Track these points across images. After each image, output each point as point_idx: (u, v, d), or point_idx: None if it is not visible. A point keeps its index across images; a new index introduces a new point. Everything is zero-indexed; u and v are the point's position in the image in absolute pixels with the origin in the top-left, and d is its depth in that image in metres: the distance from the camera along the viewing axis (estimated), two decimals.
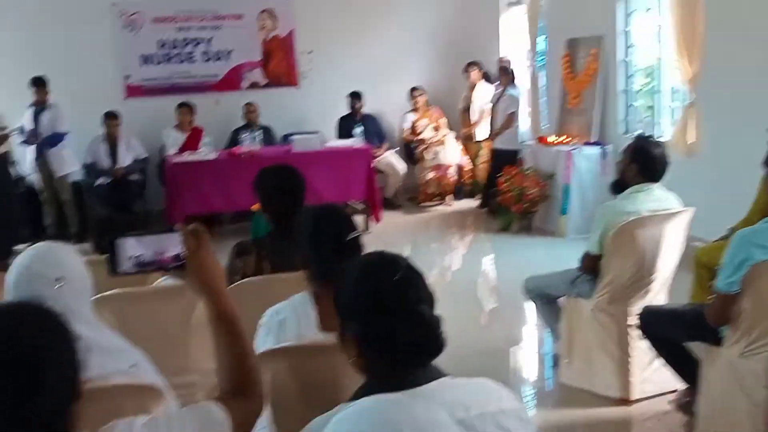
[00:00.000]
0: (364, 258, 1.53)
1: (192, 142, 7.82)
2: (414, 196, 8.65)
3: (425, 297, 1.46)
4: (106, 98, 8.01)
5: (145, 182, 7.99)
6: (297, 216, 2.82)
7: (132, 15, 8.27)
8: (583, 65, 7.22)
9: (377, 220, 7.49)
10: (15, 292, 1.77)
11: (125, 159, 7.76)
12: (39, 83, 7.35)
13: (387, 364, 1.41)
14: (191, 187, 6.99)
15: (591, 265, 3.59)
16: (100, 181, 7.72)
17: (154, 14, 8.31)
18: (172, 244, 1.55)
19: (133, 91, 8.35)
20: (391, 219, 8.00)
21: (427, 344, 1.40)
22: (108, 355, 1.86)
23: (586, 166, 6.77)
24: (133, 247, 1.54)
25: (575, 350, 3.70)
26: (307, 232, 2.15)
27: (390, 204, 8.47)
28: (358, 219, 7.74)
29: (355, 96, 8.47)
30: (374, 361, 1.43)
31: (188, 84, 8.52)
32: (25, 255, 1.82)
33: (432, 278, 5.43)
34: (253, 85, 8.77)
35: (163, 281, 2.78)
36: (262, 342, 2.13)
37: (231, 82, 8.68)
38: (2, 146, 6.51)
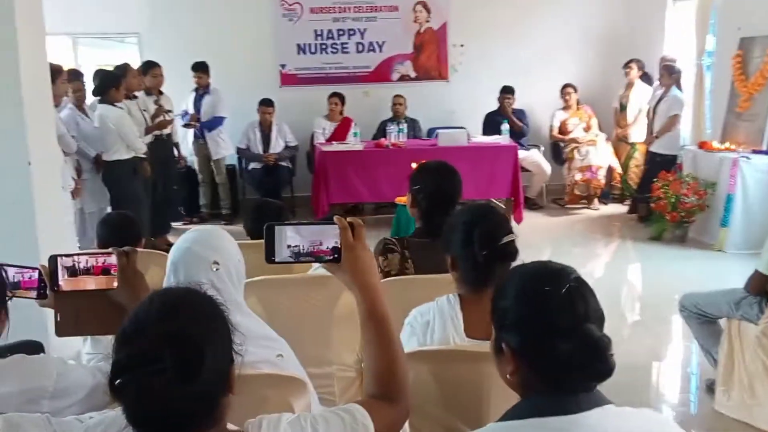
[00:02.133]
0: (528, 266, 1.43)
1: (341, 131, 7.97)
2: (559, 197, 8.38)
3: (594, 314, 1.33)
4: (262, 85, 8.30)
5: (295, 169, 8.22)
6: (448, 217, 2.75)
7: (292, 4, 8.50)
8: (757, 66, 6.66)
9: (518, 220, 7.30)
10: (173, 271, 1.81)
11: (277, 145, 8.02)
12: (201, 68, 7.72)
13: (547, 385, 1.31)
14: (337, 176, 7.10)
15: (760, 286, 3.28)
16: (253, 165, 8.02)
17: (313, 4, 8.50)
18: (330, 236, 1.53)
19: (288, 80, 8.60)
20: (532, 220, 7.78)
21: (594, 366, 1.29)
22: (257, 342, 1.87)
23: (754, 175, 6.26)
24: (291, 237, 1.53)
25: (735, 378, 3.41)
26: (459, 232, 2.06)
27: (533, 204, 8.25)
28: None
29: (507, 91, 8.29)
30: (533, 379, 1.33)
31: (340, 74, 8.66)
32: (187, 236, 1.87)
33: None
34: (403, 78, 8.78)
35: (313, 271, 2.79)
36: (406, 342, 2.08)
37: (382, 73, 8.74)
38: (166, 129, 6.87)
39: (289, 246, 1.53)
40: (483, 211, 2.11)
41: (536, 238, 7.49)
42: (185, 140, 7.92)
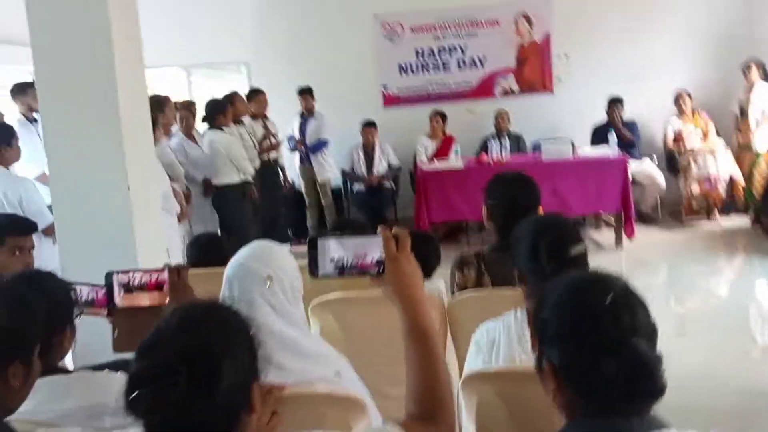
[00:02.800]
0: (572, 275, 1.32)
1: (444, 150, 7.92)
2: (676, 210, 7.92)
3: (644, 328, 1.21)
4: (365, 107, 8.40)
5: (398, 189, 8.23)
6: None
7: (393, 25, 8.58)
8: None
9: (630, 235, 6.96)
10: (228, 287, 1.82)
11: (380, 166, 8.07)
12: (306, 93, 7.92)
13: (591, 406, 1.20)
14: (439, 194, 7.04)
15: None
16: (357, 187, 8.11)
17: (413, 23, 8.54)
18: (374, 248, 1.48)
19: (390, 100, 8.66)
20: (646, 235, 7.40)
21: (640, 386, 1.16)
22: (313, 360, 1.84)
23: None
24: (334, 249, 1.49)
25: None
26: (525, 244, 1.96)
27: (647, 218, 7.85)
28: (609, 233, 7.29)
29: (615, 101, 7.97)
30: (576, 400, 1.22)
31: (443, 92, 8.64)
32: (242, 252, 1.88)
33: (694, 304, 4.86)
34: (506, 92, 8.65)
35: None
36: (472, 361, 2.00)
37: (484, 89, 8.64)
38: (273, 153, 7.07)
39: (332, 259, 1.49)
40: (550, 221, 2.00)
41: (651, 254, 7.13)
42: (292, 164, 8.12)
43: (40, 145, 4.15)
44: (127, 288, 1.75)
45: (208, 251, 3.15)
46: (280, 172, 7.54)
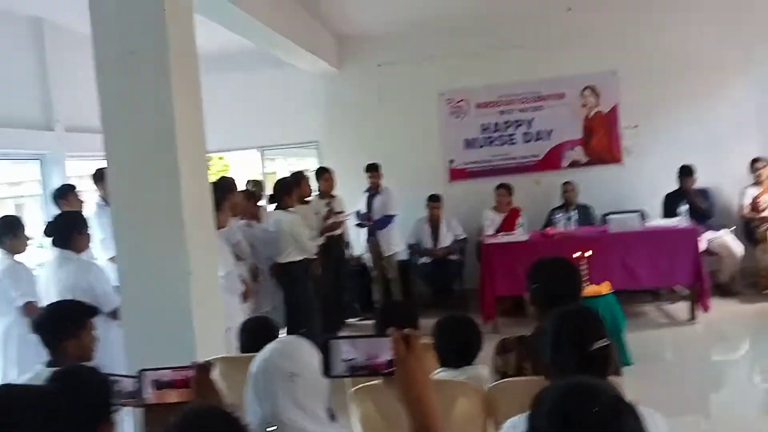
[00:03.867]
0: (566, 381, 1.32)
1: (509, 222, 7.90)
2: (755, 281, 7.60)
3: None
4: (431, 181, 8.51)
5: (464, 262, 8.22)
6: None
7: (458, 102, 8.73)
8: None
9: (706, 308, 6.70)
10: (253, 383, 1.87)
11: (446, 239, 8.11)
12: (373, 169, 8.10)
13: None
14: (504, 267, 7.00)
15: None
16: (423, 260, 8.16)
17: (478, 100, 8.68)
18: (384, 349, 1.52)
19: (457, 174, 8.75)
20: (724, 308, 7.10)
21: None
22: None
23: None
24: (347, 350, 1.54)
25: None
26: (549, 337, 1.96)
27: (725, 290, 7.54)
28: (684, 306, 7.03)
29: (686, 170, 7.80)
30: None
31: (509, 165, 8.67)
32: (268, 347, 1.94)
33: None
34: (574, 164, 8.61)
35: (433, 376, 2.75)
36: None
37: (551, 161, 8.63)
38: (338, 229, 7.22)
39: (344, 360, 1.55)
40: (574, 313, 1.99)
41: (729, 328, 6.84)
42: (359, 238, 8.26)
43: None
44: (158, 385, 1.84)
45: (257, 336, 3.23)
46: (345, 248, 7.66)
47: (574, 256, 6.08)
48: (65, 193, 5.39)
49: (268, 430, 1.82)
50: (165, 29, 3.67)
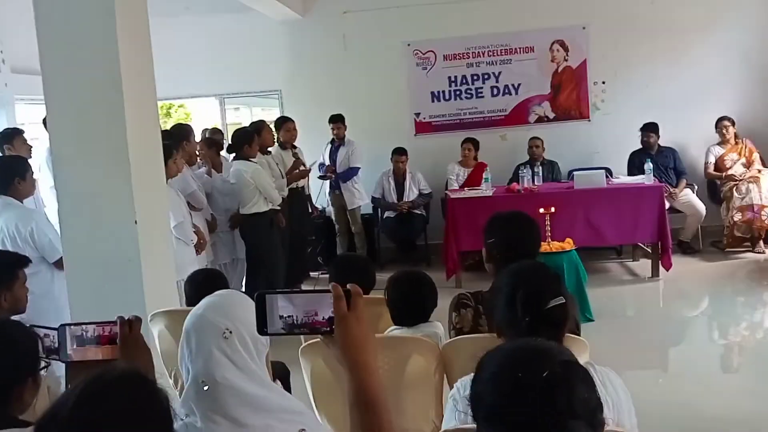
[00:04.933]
0: (511, 344, 1.21)
1: (475, 177, 7.80)
2: (717, 240, 7.64)
3: (582, 410, 1.09)
4: (397, 134, 8.33)
5: (429, 217, 8.13)
6: None
7: (425, 53, 8.52)
8: None
9: (667, 266, 6.71)
10: (186, 339, 1.75)
11: (410, 194, 7.99)
12: (338, 120, 7.90)
13: None
14: (468, 223, 6.89)
15: None
16: (387, 214, 8.04)
17: (446, 51, 8.47)
18: (325, 305, 1.40)
19: (422, 128, 8.58)
20: (686, 266, 7.13)
21: None
22: (275, 416, 1.75)
23: None
24: (283, 306, 1.42)
25: None
26: (503, 295, 1.85)
27: (687, 248, 7.58)
28: (647, 264, 7.04)
29: (649, 128, 7.74)
30: None
31: (475, 120, 8.53)
32: (203, 301, 1.80)
33: (737, 339, 4.65)
34: (541, 119, 8.49)
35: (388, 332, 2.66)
36: (449, 419, 1.88)
37: (518, 116, 8.50)
38: (301, 181, 7.04)
39: (281, 317, 1.42)
40: (528, 270, 1.88)
41: (692, 286, 6.88)
42: (322, 191, 8.10)
43: None
44: (80, 341, 1.70)
45: (203, 288, 3.09)
46: (307, 200, 7.50)
47: (540, 212, 6.02)
48: (10, 138, 5.12)
49: (200, 386, 1.70)
50: None
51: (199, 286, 3.15)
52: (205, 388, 1.69)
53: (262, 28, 8.37)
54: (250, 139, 6.13)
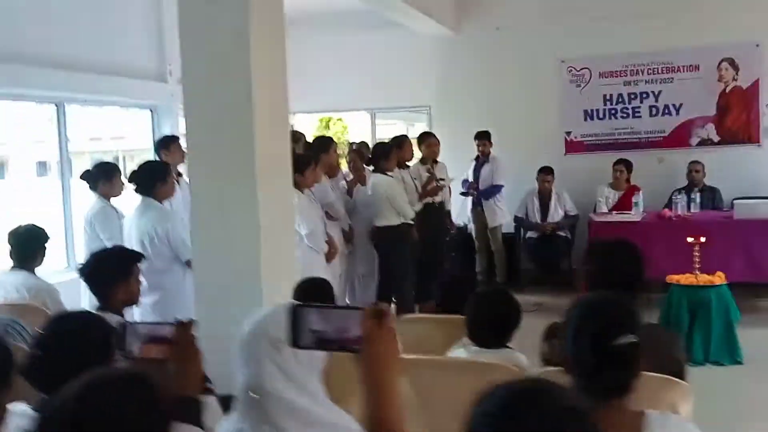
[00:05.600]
0: (518, 382, 1.13)
1: (625, 201, 7.43)
2: None
3: None
4: (546, 153, 8.12)
5: (573, 239, 7.82)
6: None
7: (580, 70, 8.25)
8: None
9: None
10: (240, 346, 1.77)
11: (555, 215, 7.75)
12: (483, 137, 7.83)
13: None
14: None
15: None
16: (530, 234, 7.84)
17: (602, 69, 8.15)
18: (355, 323, 1.39)
19: (573, 147, 8.30)
20: None
21: None
22: (323, 430, 1.74)
23: None
24: (315, 321, 1.43)
25: None
26: (571, 329, 1.73)
27: None
28: None
29: None
30: None
31: (630, 140, 8.12)
32: (260, 312, 1.83)
33: None
34: (703, 142, 7.93)
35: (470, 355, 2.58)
36: None
37: (678, 138, 7.99)
38: (437, 196, 7.00)
39: (312, 330, 1.43)
40: (600, 302, 1.73)
41: None
42: (464, 208, 8.05)
43: None
44: (140, 338, 1.79)
45: (308, 297, 3.16)
46: (446, 216, 7.44)
47: (688, 241, 5.61)
48: (168, 144, 5.51)
49: (250, 396, 1.72)
50: None
51: (304, 293, 3.21)
52: (255, 397, 1.71)
53: (413, 44, 8.48)
54: (387, 153, 6.21)
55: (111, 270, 2.89)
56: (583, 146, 8.27)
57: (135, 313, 4.32)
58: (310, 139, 6.80)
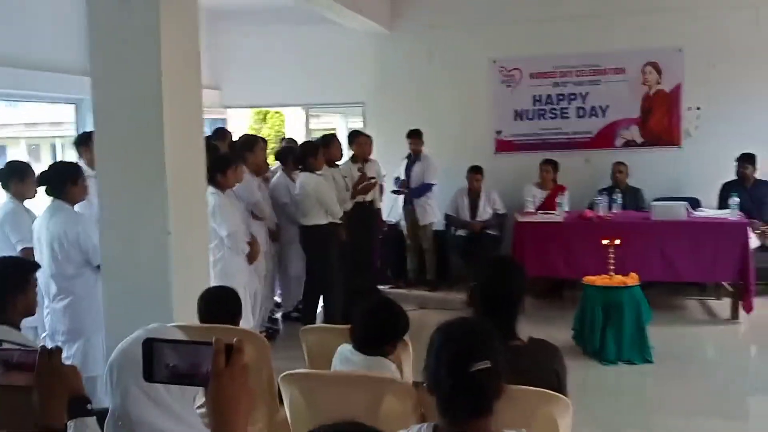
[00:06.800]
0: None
1: (551, 200, 7.57)
2: None
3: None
4: (476, 152, 8.22)
5: (502, 237, 7.96)
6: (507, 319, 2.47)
7: (511, 71, 8.37)
8: None
9: (747, 309, 6.27)
10: (108, 373, 1.77)
11: (484, 213, 7.87)
12: (414, 135, 7.89)
13: None
14: (536, 248, 6.73)
15: None
16: (459, 232, 7.95)
17: (532, 69, 8.29)
18: (205, 358, 1.39)
19: (503, 146, 8.43)
20: None
21: None
22: None
23: None
24: (169, 355, 1.43)
25: None
26: (431, 353, 1.78)
27: None
28: (725, 305, 6.61)
29: (746, 159, 7.27)
30: None
31: (559, 140, 8.29)
32: (132, 335, 1.82)
33: None
34: (628, 144, 8.14)
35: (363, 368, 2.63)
36: None
37: (604, 139, 8.19)
38: (369, 195, 7.05)
39: (167, 365, 1.43)
40: (458, 328, 1.78)
41: None
42: (395, 205, 8.11)
43: None
44: (7, 365, 1.76)
45: (213, 307, 3.16)
46: (376, 215, 7.49)
47: (603, 243, 5.77)
48: (87, 140, 5.38)
49: (117, 425, 1.73)
50: None
51: (208, 303, 3.21)
52: (119, 423, 1.72)
53: (348, 41, 8.48)
54: (315, 152, 6.21)
55: (8, 281, 2.83)
56: (512, 146, 8.41)
57: (45, 321, 4.26)
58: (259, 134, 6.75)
